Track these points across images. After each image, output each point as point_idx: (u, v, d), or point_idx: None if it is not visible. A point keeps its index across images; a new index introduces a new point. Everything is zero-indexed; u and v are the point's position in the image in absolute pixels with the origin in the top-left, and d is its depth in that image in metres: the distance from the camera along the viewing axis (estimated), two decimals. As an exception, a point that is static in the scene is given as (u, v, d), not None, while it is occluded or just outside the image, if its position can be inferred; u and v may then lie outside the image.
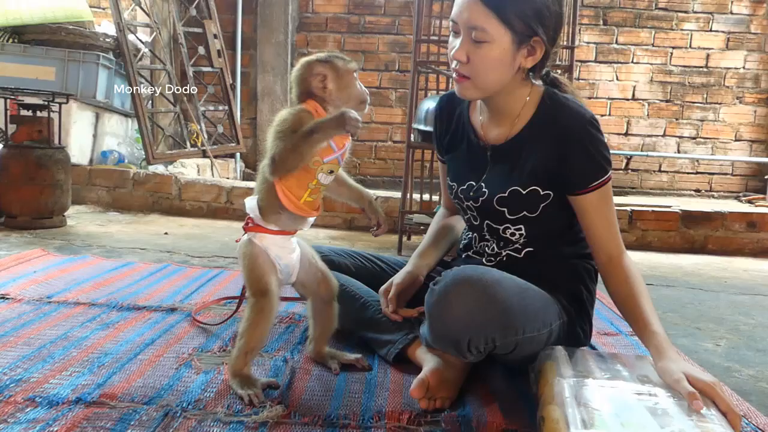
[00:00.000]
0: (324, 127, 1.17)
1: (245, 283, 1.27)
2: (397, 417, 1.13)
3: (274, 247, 1.27)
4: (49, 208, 3.02)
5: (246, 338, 1.22)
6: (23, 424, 1.05)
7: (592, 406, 1.00)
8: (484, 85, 1.29)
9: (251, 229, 1.27)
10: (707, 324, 1.96)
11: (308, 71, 1.23)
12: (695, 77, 5.05)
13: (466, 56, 1.26)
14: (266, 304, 1.22)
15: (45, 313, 1.67)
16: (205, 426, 1.08)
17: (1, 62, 3.88)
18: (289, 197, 1.23)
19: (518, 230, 1.38)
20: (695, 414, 0.99)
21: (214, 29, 4.59)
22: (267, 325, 1.23)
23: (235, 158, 5.00)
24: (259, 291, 1.23)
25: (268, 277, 1.24)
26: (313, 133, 1.16)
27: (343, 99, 1.24)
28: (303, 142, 1.17)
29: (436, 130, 1.56)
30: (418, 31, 2.97)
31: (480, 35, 1.23)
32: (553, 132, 1.30)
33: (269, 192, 1.24)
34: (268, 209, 1.25)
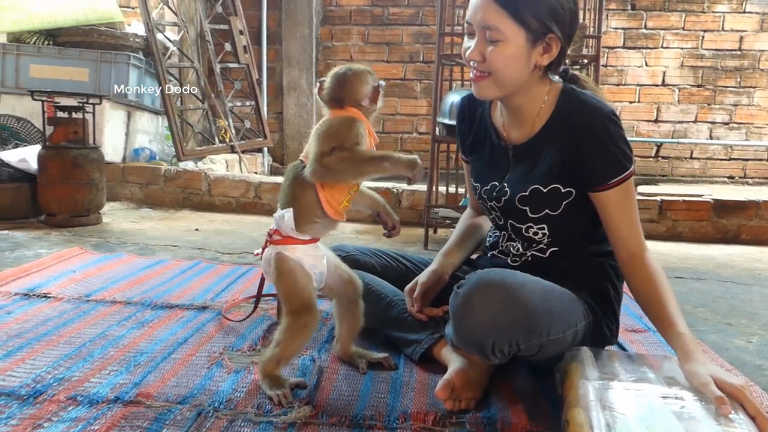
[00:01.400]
0: (396, 164, 1.22)
1: (283, 300, 1.27)
2: (423, 418, 1.16)
3: (307, 257, 1.27)
4: (85, 206, 3.11)
5: (282, 348, 1.23)
6: (66, 423, 1.11)
7: (617, 409, 1.01)
8: (502, 83, 1.29)
9: (281, 242, 1.26)
10: (739, 319, 1.94)
11: (363, 81, 1.28)
12: (728, 61, 4.93)
13: (481, 56, 1.26)
14: (309, 321, 1.24)
15: (84, 311, 1.74)
16: (236, 426, 1.12)
17: (39, 65, 4.00)
18: (331, 203, 1.25)
19: (541, 229, 1.38)
20: (723, 419, 0.99)
21: (240, 25, 4.63)
22: (306, 339, 1.26)
23: (263, 153, 5.07)
24: (302, 307, 1.24)
25: (309, 292, 1.26)
26: (384, 162, 1.21)
27: (371, 111, 1.31)
28: (372, 164, 1.22)
29: (459, 131, 1.57)
30: (441, 24, 2.96)
31: (494, 35, 1.23)
32: (572, 129, 1.29)
33: (308, 200, 1.25)
34: (305, 219, 1.26)
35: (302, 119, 5.28)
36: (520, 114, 1.38)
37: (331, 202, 1.25)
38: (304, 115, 5.28)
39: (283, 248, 1.26)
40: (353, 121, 1.25)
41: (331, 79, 1.29)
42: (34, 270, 2.13)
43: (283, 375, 1.28)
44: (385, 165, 1.21)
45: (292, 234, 1.26)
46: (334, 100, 1.28)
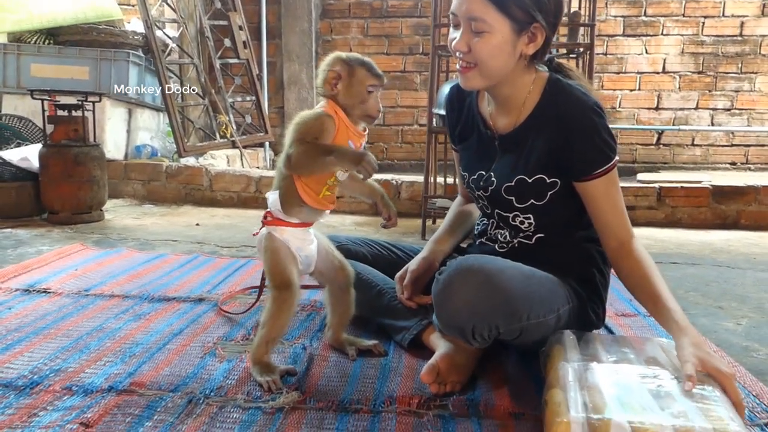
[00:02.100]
0: (341, 158, 1.22)
1: (267, 276, 1.32)
2: (408, 401, 1.18)
3: (294, 239, 1.32)
4: (87, 204, 3.15)
5: (267, 328, 1.28)
6: (61, 411, 1.14)
7: (595, 389, 1.03)
8: (488, 73, 1.31)
9: (271, 222, 1.32)
10: (730, 303, 1.95)
11: (329, 65, 1.28)
12: (729, 47, 4.90)
13: (467, 47, 1.27)
14: (288, 297, 1.27)
15: (82, 305, 1.77)
16: (226, 412, 1.15)
17: (39, 64, 4.04)
18: (308, 192, 1.28)
19: (527, 219, 1.40)
20: (699, 396, 1.01)
21: (239, 21, 4.65)
22: (288, 316, 1.29)
23: (264, 147, 5.09)
24: (282, 284, 1.28)
25: (290, 270, 1.29)
26: (329, 154, 1.21)
27: (348, 104, 1.27)
28: (319, 159, 1.22)
29: (448, 120, 1.59)
30: (436, 15, 2.97)
31: (479, 26, 1.24)
32: (557, 119, 1.31)
33: (289, 187, 1.29)
34: (289, 203, 1.30)
35: (303, 113, 5.30)
36: (506, 103, 1.39)
37: (308, 191, 1.28)
38: (305, 109, 5.28)
39: (273, 229, 1.31)
40: (319, 116, 1.25)
41: (322, 64, 1.30)
42: (35, 266, 2.17)
43: (273, 362, 1.31)
44: (331, 159, 1.21)
45: (281, 216, 1.31)
46: (319, 88, 1.31)
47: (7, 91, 4.09)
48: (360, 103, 1.27)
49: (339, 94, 1.27)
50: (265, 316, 1.28)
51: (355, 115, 1.28)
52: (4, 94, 4.12)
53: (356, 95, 1.26)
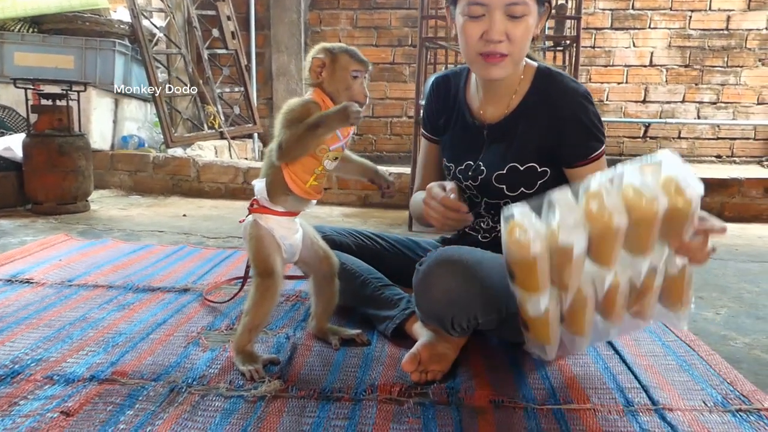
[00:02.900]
0: (328, 121, 1.21)
1: (251, 263, 1.33)
2: (389, 390, 1.19)
3: (279, 228, 1.32)
4: (72, 194, 3.13)
5: (251, 316, 1.28)
6: (41, 401, 1.14)
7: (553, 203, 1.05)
8: (518, 59, 1.33)
9: (257, 210, 1.32)
10: (710, 293, 1.97)
11: (313, 54, 1.28)
12: (715, 40, 4.93)
13: (506, 35, 1.27)
14: (271, 284, 1.28)
15: (66, 296, 1.77)
16: (208, 400, 1.15)
17: (22, 52, 3.99)
18: (295, 181, 1.28)
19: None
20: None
21: (228, 11, 4.62)
22: (271, 304, 1.29)
23: (253, 139, 5.07)
24: (265, 271, 1.29)
25: (274, 258, 1.30)
26: (317, 127, 1.21)
27: (333, 91, 1.28)
28: (308, 134, 1.22)
29: (428, 110, 1.59)
30: (423, 7, 2.96)
31: (521, 9, 1.25)
32: (548, 107, 1.33)
33: (276, 176, 1.29)
34: (276, 192, 1.30)
35: (291, 105, 5.28)
36: (498, 92, 1.41)
37: (295, 179, 1.28)
38: (294, 100, 5.27)
39: (258, 216, 1.32)
40: (305, 102, 1.26)
41: (308, 55, 1.31)
42: (18, 257, 2.16)
43: (256, 352, 1.32)
44: (320, 129, 1.21)
45: (267, 204, 1.31)
46: (308, 79, 1.31)
47: (-10, 80, 4.04)
48: (345, 90, 1.27)
49: (324, 81, 1.28)
50: (249, 304, 1.29)
51: (340, 95, 1.28)
52: (-13, 82, 4.08)
53: (340, 81, 1.27)
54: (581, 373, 1.29)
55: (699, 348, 1.43)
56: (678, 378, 1.27)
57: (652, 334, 1.53)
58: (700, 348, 1.43)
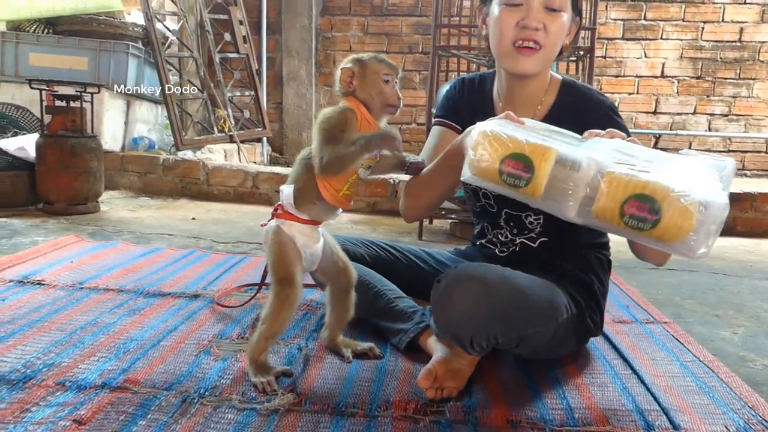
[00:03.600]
0: (370, 145, 1.20)
1: (270, 269, 1.30)
2: (404, 406, 1.17)
3: (301, 236, 1.30)
4: (83, 195, 3.13)
5: (268, 324, 1.26)
6: (53, 407, 1.13)
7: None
8: (548, 56, 1.34)
9: (281, 216, 1.30)
10: (726, 311, 1.95)
11: (343, 65, 1.28)
12: (728, 52, 4.91)
13: (542, 25, 1.29)
14: (291, 293, 1.26)
15: (77, 299, 1.76)
16: (220, 412, 1.13)
17: (38, 53, 4.01)
18: (329, 189, 1.26)
19: (537, 219, 1.41)
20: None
21: (240, 15, 4.63)
22: (289, 312, 1.27)
23: (262, 143, 5.08)
24: (285, 279, 1.27)
25: (294, 267, 1.28)
26: (361, 149, 1.20)
27: (367, 98, 1.27)
28: (351, 155, 1.20)
29: (452, 101, 1.55)
30: (437, 16, 2.96)
31: (560, 2, 1.28)
32: (574, 119, 1.32)
33: (308, 183, 1.27)
34: (304, 199, 1.28)
35: (301, 109, 5.29)
36: (523, 100, 1.41)
37: (329, 188, 1.26)
38: (304, 105, 5.28)
39: (282, 222, 1.30)
40: (342, 110, 1.25)
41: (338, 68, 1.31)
42: (29, 257, 2.15)
43: (269, 363, 1.30)
44: (360, 147, 1.19)
45: (292, 211, 1.29)
46: (339, 91, 1.31)
47: (5, 80, 4.05)
48: (378, 94, 1.26)
49: (356, 89, 1.27)
50: (266, 311, 1.27)
51: (376, 108, 1.27)
52: (2, 82, 4.08)
53: (372, 86, 1.26)
54: (599, 394, 1.27)
55: (718, 369, 1.40)
56: (698, 401, 1.25)
57: (671, 353, 1.51)
58: (719, 370, 1.40)
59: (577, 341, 1.41)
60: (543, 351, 1.32)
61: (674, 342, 1.59)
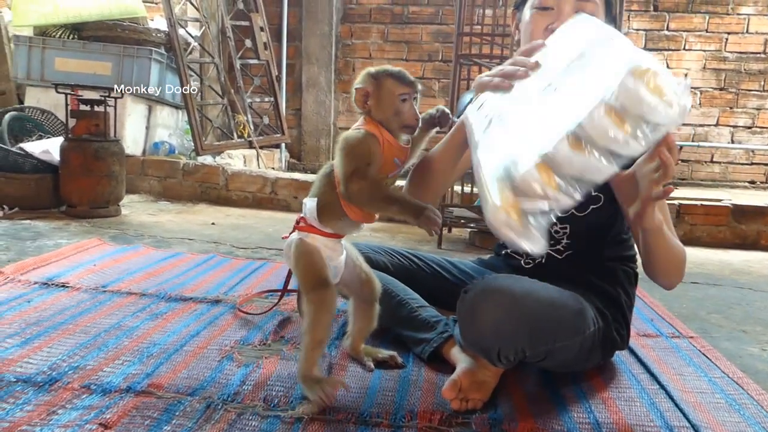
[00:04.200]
0: (405, 210, 1.17)
1: (301, 281, 1.27)
2: (429, 417, 1.16)
3: (325, 248, 1.27)
4: (105, 198, 3.16)
5: (311, 333, 1.22)
6: (79, 410, 1.13)
7: None
8: None
9: (305, 229, 1.28)
10: (754, 327, 1.91)
11: (357, 83, 1.23)
12: (752, 64, 4.85)
13: None
14: (327, 295, 1.23)
15: (100, 302, 1.77)
16: (244, 419, 1.13)
17: (63, 58, 4.07)
18: (353, 209, 1.23)
19: (563, 228, 1.40)
20: None
21: (261, 22, 4.67)
22: (330, 316, 1.24)
23: (281, 149, 5.10)
24: (319, 283, 1.23)
25: (325, 270, 1.25)
26: (393, 206, 1.19)
27: (383, 118, 1.21)
28: (381, 205, 1.20)
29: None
30: (459, 24, 2.96)
31: (592, 7, 1.26)
32: None
33: (332, 198, 1.24)
34: (329, 215, 1.25)
35: (320, 116, 5.30)
36: None
37: (353, 207, 1.23)
38: (322, 112, 5.30)
39: (305, 235, 1.28)
40: (364, 138, 1.20)
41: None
42: (53, 260, 2.17)
43: (322, 375, 1.24)
44: (395, 209, 1.19)
45: (315, 224, 1.27)
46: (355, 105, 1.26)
47: (31, 84, 4.12)
48: (394, 116, 1.20)
49: (371, 110, 1.22)
50: (306, 322, 1.22)
51: (393, 129, 1.22)
52: (27, 86, 4.16)
53: (388, 107, 1.20)
54: (626, 409, 1.25)
55: (748, 387, 1.37)
56: (729, 418, 1.22)
57: (698, 369, 1.48)
58: (749, 387, 1.37)
59: (603, 354, 1.39)
60: (569, 364, 1.30)
61: (701, 357, 1.57)
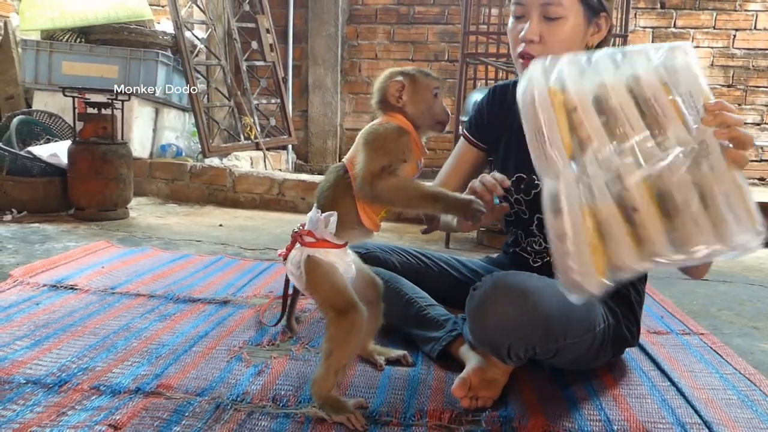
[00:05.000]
0: (449, 207, 1.13)
1: (323, 303, 1.21)
2: (438, 416, 1.16)
3: (340, 261, 1.23)
4: (113, 201, 3.17)
5: (335, 357, 1.14)
6: (89, 411, 1.13)
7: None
8: None
9: (314, 245, 1.20)
10: (766, 323, 1.89)
11: (389, 78, 1.22)
12: (760, 60, 4.81)
13: (539, 35, 1.26)
14: (356, 317, 1.16)
15: (109, 303, 1.78)
16: (254, 418, 1.13)
17: (70, 62, 4.09)
18: (369, 215, 1.20)
19: None
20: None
21: (267, 24, 4.67)
22: (358, 339, 1.17)
23: (287, 150, 5.10)
24: (346, 305, 1.16)
25: (349, 290, 1.20)
26: (436, 203, 1.14)
27: (417, 114, 1.20)
28: (422, 203, 1.14)
29: (479, 116, 1.56)
30: (466, 23, 2.95)
31: (554, 10, 1.24)
32: None
33: (347, 207, 1.19)
34: (344, 225, 1.20)
35: (327, 117, 5.30)
36: None
37: (369, 213, 1.20)
38: (329, 113, 5.30)
39: (315, 251, 1.21)
40: (400, 132, 1.17)
41: (378, 82, 1.25)
42: (62, 262, 2.18)
43: (341, 397, 1.18)
44: (437, 206, 1.14)
45: (328, 238, 1.20)
46: (375, 105, 1.24)
47: (38, 88, 4.14)
48: (428, 110, 1.20)
49: (406, 104, 1.20)
50: (330, 344, 1.15)
51: (425, 125, 1.21)
52: (35, 90, 4.18)
53: (424, 101, 1.20)
54: (637, 406, 1.24)
55: (761, 383, 1.36)
56: (741, 415, 1.21)
57: (709, 365, 1.47)
58: (761, 383, 1.36)
59: (614, 351, 1.38)
60: (580, 361, 1.29)
61: (713, 354, 1.55)
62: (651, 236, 0.93)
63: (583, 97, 0.96)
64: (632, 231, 0.93)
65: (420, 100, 1.20)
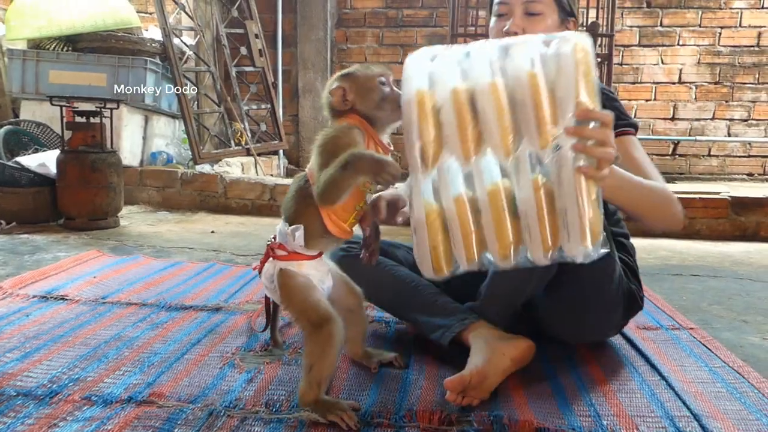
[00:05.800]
0: (357, 165, 1.07)
1: (299, 318, 1.20)
2: (428, 418, 1.16)
3: (315, 271, 1.22)
4: (103, 210, 3.16)
5: (316, 371, 1.14)
6: (80, 422, 1.13)
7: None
8: None
9: (286, 258, 1.19)
10: (755, 316, 1.91)
11: (328, 88, 1.20)
12: (746, 57, 4.86)
13: (522, 30, 1.37)
14: (333, 330, 1.14)
15: (100, 313, 1.77)
16: (247, 424, 1.13)
17: (58, 70, 4.08)
18: (335, 222, 1.18)
19: None
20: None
21: (256, 29, 4.68)
22: (336, 350, 1.16)
23: (279, 155, 5.11)
24: (319, 320, 1.15)
25: (323, 303, 1.18)
26: (345, 168, 1.07)
27: (370, 108, 1.18)
28: (340, 176, 1.08)
29: None
30: (454, 25, 2.97)
31: (535, 6, 1.36)
32: None
33: (311, 216, 1.18)
34: (312, 234, 1.19)
35: (318, 122, 5.31)
36: None
37: (335, 221, 1.18)
38: (320, 117, 5.31)
39: (287, 264, 1.20)
40: (348, 129, 1.15)
41: (322, 95, 1.22)
42: (52, 273, 2.17)
43: (331, 398, 1.18)
44: (348, 171, 1.07)
45: (300, 250, 1.19)
46: (331, 110, 1.21)
47: (25, 97, 4.13)
48: (380, 101, 1.17)
49: (355, 104, 1.18)
50: (309, 359, 1.15)
51: (385, 116, 1.18)
52: (22, 100, 4.17)
53: (372, 93, 1.17)
54: (627, 400, 1.25)
55: (749, 375, 1.37)
56: (730, 407, 1.22)
57: (699, 359, 1.48)
58: (750, 375, 1.37)
59: (624, 313, 1.46)
60: (595, 323, 1.39)
61: (702, 348, 1.57)
62: (492, 238, 1.02)
63: (448, 98, 1.01)
64: (476, 231, 1.02)
65: (367, 95, 1.17)
